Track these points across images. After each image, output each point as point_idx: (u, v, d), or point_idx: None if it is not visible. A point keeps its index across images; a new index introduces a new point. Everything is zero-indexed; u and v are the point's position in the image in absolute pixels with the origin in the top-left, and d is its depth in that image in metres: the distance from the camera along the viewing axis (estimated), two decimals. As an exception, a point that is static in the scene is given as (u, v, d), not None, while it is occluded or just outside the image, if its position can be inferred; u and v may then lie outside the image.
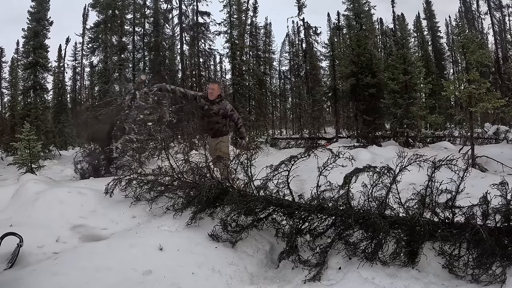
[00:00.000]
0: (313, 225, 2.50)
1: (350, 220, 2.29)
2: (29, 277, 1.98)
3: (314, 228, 2.50)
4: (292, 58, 19.30)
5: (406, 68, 9.32)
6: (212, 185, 2.74)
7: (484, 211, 2.11)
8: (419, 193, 2.29)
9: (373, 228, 2.22)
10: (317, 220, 2.50)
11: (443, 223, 2.20)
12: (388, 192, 2.34)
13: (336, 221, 2.42)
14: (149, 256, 2.26)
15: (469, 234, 2.06)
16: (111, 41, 10.44)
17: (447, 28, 19.74)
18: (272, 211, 2.67)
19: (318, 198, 2.50)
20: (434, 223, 2.21)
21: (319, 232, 2.50)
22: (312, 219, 2.49)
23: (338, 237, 2.35)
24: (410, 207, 2.29)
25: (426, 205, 2.24)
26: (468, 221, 2.12)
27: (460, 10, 18.34)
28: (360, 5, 13.20)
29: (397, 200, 2.33)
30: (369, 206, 2.37)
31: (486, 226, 2.07)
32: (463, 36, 5.18)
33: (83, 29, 16.68)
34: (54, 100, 15.43)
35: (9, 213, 2.92)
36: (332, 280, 2.13)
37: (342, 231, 2.35)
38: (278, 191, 2.64)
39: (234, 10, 12.77)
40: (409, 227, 2.19)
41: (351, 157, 2.58)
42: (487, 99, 4.78)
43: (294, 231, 2.42)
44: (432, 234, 2.18)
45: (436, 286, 1.98)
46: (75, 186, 3.60)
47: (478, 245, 2.02)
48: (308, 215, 2.48)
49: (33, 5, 13.06)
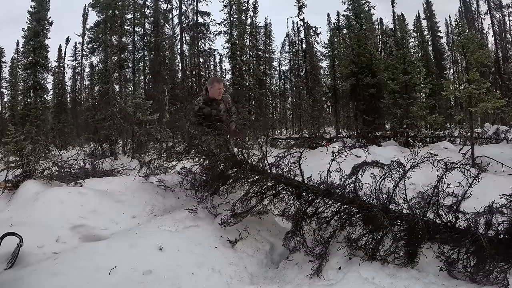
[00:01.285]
0: (319, 209, 2.50)
1: (354, 208, 2.29)
2: (29, 277, 1.98)
3: (319, 213, 2.50)
4: (292, 58, 19.31)
5: (406, 68, 9.32)
6: (227, 157, 2.72)
7: (488, 221, 2.09)
8: (425, 192, 2.27)
9: (375, 222, 2.21)
10: (323, 205, 2.50)
11: (445, 226, 2.19)
12: (395, 187, 2.32)
13: (341, 208, 2.42)
14: (149, 256, 2.26)
15: (469, 240, 2.04)
16: (111, 41, 10.43)
17: (447, 28, 19.77)
18: (281, 189, 2.67)
19: (327, 182, 2.50)
20: (436, 224, 2.20)
21: (323, 218, 2.49)
22: (318, 202, 2.50)
23: (341, 226, 2.35)
24: (414, 205, 2.28)
25: (431, 205, 2.23)
26: (470, 227, 2.10)
27: (460, 10, 18.37)
28: (360, 5, 13.21)
29: (403, 196, 2.32)
30: (376, 198, 2.35)
31: (487, 235, 2.05)
32: (463, 36, 5.18)
33: (83, 29, 16.69)
34: (54, 100, 15.44)
35: (9, 213, 2.92)
36: (332, 280, 2.13)
37: (346, 219, 2.36)
38: (289, 170, 2.65)
39: (234, 10, 12.78)
40: (410, 225, 2.18)
41: (366, 150, 2.61)
42: (487, 99, 4.78)
43: (300, 212, 2.43)
44: (432, 236, 2.17)
45: (436, 286, 1.98)
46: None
47: (477, 252, 2.01)
48: (316, 198, 2.49)
49: (33, 5, 13.08)
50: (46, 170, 3.89)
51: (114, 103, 9.29)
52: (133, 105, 8.28)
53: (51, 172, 3.82)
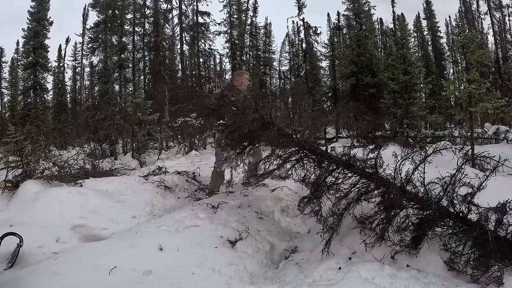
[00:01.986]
0: (338, 180, 2.55)
1: (372, 184, 2.33)
2: (29, 277, 1.98)
3: (338, 184, 2.55)
4: (292, 58, 19.32)
5: (406, 68, 9.32)
6: (255, 117, 2.71)
7: (499, 219, 2.09)
8: (443, 179, 2.28)
9: (390, 200, 2.24)
10: (342, 176, 2.53)
11: (456, 216, 2.20)
12: (415, 169, 2.33)
13: (360, 182, 2.46)
14: (149, 256, 2.26)
15: (477, 233, 2.05)
16: (111, 41, 10.43)
17: (447, 28, 19.79)
18: (304, 155, 2.69)
19: (349, 154, 2.54)
20: (448, 212, 2.21)
21: (341, 189, 2.53)
22: (338, 173, 2.54)
23: (356, 199, 2.40)
24: (430, 189, 2.30)
25: (446, 192, 2.24)
26: (480, 221, 2.11)
27: (460, 10, 18.38)
28: (360, 5, 13.21)
29: (420, 179, 2.33)
30: (394, 177, 2.38)
31: (495, 232, 2.06)
32: (463, 36, 5.17)
33: (83, 29, 16.71)
34: (54, 100, 15.45)
35: (9, 213, 2.92)
36: (332, 280, 2.12)
37: (363, 193, 2.40)
38: (315, 138, 2.75)
39: (234, 10, 12.78)
40: (424, 206, 2.20)
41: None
42: (487, 99, 4.77)
43: (320, 180, 2.49)
44: (443, 223, 2.20)
45: (436, 286, 1.98)
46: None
47: (482, 246, 2.02)
48: (336, 168, 2.53)
49: (33, 5, 13.08)
50: (46, 170, 3.90)
51: (114, 103, 9.29)
52: (133, 105, 8.28)
53: (51, 172, 3.83)
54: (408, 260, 2.19)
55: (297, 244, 2.77)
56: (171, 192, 3.80)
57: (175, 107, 10.15)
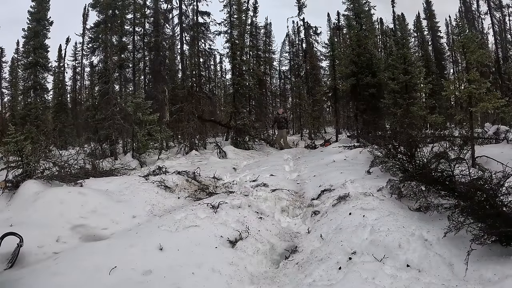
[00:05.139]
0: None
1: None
2: (29, 277, 1.98)
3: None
4: (292, 58, 19.31)
5: (406, 68, 9.31)
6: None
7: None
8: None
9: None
10: None
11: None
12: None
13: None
14: (149, 256, 2.26)
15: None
16: (111, 41, 10.39)
17: (447, 28, 19.78)
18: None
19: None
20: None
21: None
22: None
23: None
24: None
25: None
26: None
27: (460, 10, 18.36)
28: (360, 5, 13.19)
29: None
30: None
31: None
32: (463, 36, 5.15)
33: (83, 29, 16.71)
34: (54, 100, 15.43)
35: (9, 213, 2.92)
36: (332, 280, 2.13)
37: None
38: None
39: (234, 10, 12.73)
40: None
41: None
42: (487, 99, 4.75)
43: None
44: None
45: (436, 286, 1.98)
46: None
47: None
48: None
49: (33, 5, 13.07)
50: (46, 170, 3.90)
51: (114, 103, 9.26)
52: (133, 105, 8.25)
53: (51, 172, 3.83)
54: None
55: (297, 244, 2.77)
56: (171, 192, 3.80)
57: (175, 107, 10.11)
